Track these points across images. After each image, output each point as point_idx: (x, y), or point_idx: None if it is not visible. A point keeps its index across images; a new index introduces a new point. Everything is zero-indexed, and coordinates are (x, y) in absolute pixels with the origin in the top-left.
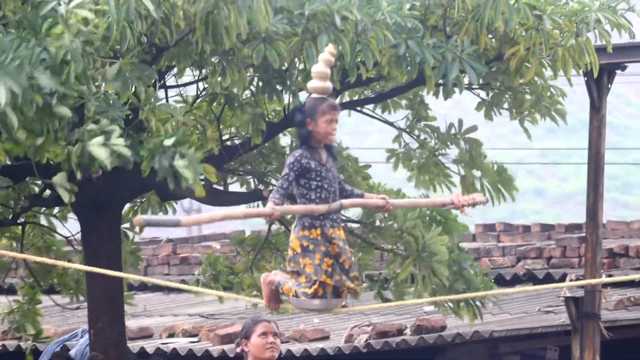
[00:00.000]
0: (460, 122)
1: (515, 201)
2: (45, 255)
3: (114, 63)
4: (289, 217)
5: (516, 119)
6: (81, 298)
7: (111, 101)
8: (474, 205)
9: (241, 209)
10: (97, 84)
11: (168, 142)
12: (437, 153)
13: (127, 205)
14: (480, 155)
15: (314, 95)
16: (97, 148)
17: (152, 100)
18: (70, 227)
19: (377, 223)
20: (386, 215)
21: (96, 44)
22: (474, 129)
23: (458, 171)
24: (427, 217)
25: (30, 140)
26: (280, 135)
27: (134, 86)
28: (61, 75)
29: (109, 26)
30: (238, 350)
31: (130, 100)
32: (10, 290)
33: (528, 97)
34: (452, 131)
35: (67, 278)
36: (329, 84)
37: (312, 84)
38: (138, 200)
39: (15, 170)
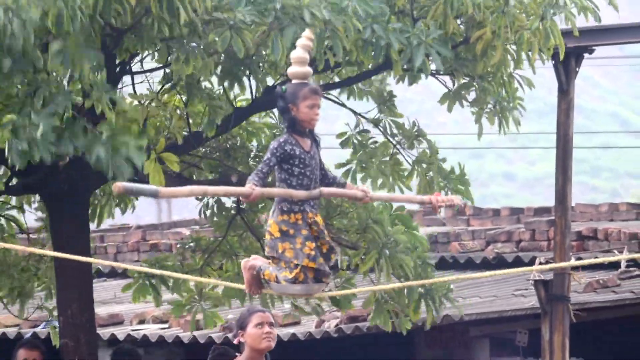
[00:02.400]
0: (414, 124)
1: (484, 186)
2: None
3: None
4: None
5: (477, 114)
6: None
7: (60, 87)
8: (450, 206)
9: (221, 187)
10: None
11: (106, 132)
12: (400, 151)
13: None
14: (436, 157)
15: (294, 81)
16: (14, 152)
17: (101, 87)
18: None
19: (340, 225)
20: (351, 210)
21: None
22: (422, 134)
23: (418, 171)
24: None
25: None
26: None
27: (79, 69)
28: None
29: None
30: (235, 341)
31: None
32: None
33: (490, 97)
34: (415, 129)
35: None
36: (308, 69)
37: (291, 69)
38: (99, 194)
39: None
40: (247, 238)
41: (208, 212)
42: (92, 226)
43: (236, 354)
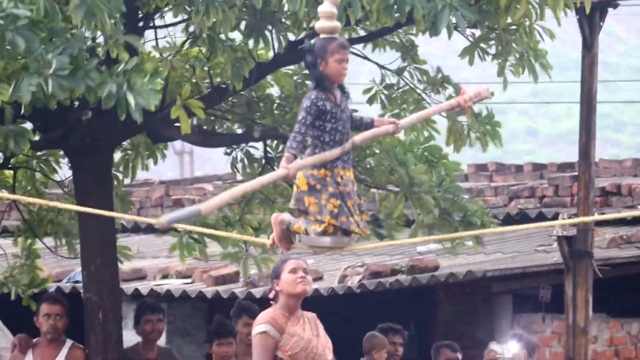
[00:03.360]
0: (438, 70)
1: (507, 142)
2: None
3: None
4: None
5: (499, 66)
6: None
7: (70, 34)
8: (480, 100)
9: (255, 180)
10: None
11: (123, 67)
12: (424, 97)
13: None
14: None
15: (322, 36)
16: (24, 83)
17: (116, 31)
18: (61, 173)
19: (368, 165)
20: (377, 151)
21: None
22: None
23: (447, 116)
24: (419, 156)
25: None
26: (269, 85)
27: (100, 21)
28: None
29: None
30: (270, 295)
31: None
32: (4, 232)
33: (517, 47)
34: (439, 76)
35: (58, 227)
36: (336, 23)
37: (319, 24)
38: (129, 148)
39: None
40: (280, 185)
41: (239, 166)
42: (127, 181)
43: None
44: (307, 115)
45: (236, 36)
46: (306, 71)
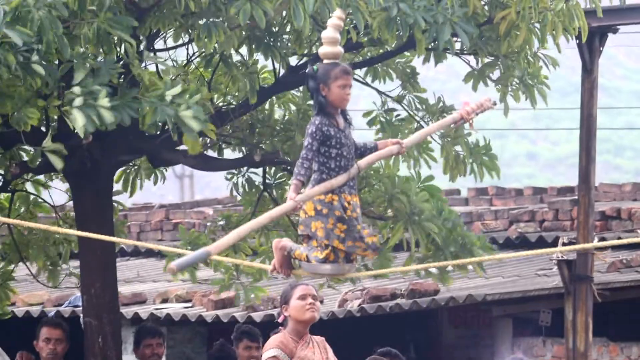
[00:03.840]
0: (439, 100)
1: (508, 166)
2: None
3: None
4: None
5: (502, 92)
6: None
7: (100, 59)
8: (483, 111)
9: (264, 215)
10: (83, 49)
11: (170, 92)
12: (423, 125)
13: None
14: (462, 132)
15: (325, 61)
16: (76, 112)
17: (142, 54)
18: (56, 198)
19: (368, 196)
20: (376, 183)
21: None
22: (450, 108)
23: (442, 145)
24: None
25: (9, 104)
26: (271, 110)
27: (121, 44)
28: (28, 27)
29: None
30: (280, 319)
31: (121, 58)
32: None
33: (517, 71)
34: (439, 105)
35: (42, 252)
36: (339, 49)
37: (322, 49)
38: (131, 165)
39: (4, 137)
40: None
41: (240, 191)
42: (125, 197)
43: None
44: (312, 140)
45: (237, 58)
46: (310, 102)
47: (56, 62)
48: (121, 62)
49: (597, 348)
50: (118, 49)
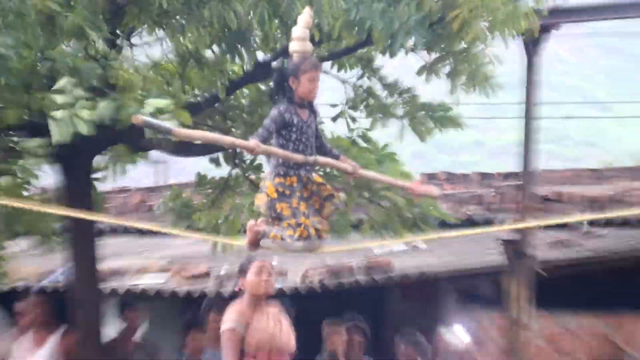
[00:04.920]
0: (396, 81)
1: (456, 154)
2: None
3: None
4: (256, 161)
5: (452, 85)
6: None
7: (80, 55)
8: (428, 195)
9: (228, 138)
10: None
11: (152, 103)
12: (381, 99)
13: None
14: (442, 106)
15: (295, 56)
16: (53, 124)
17: (119, 56)
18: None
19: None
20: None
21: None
22: (410, 90)
23: (404, 111)
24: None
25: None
26: (242, 94)
27: (94, 41)
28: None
29: None
30: (236, 289)
31: (98, 57)
32: None
33: (466, 65)
34: (398, 87)
35: (37, 226)
36: (309, 45)
37: (293, 46)
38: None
39: None
40: (247, 180)
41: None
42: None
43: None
44: (272, 122)
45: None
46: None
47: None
48: (99, 61)
49: (535, 318)
50: (95, 46)
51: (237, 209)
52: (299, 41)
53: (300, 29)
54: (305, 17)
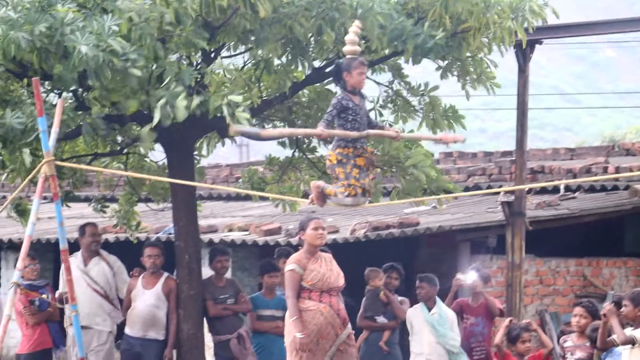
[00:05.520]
0: (427, 84)
1: (466, 137)
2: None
3: (178, 35)
4: (312, 144)
5: (462, 83)
6: (164, 203)
7: (181, 68)
8: (455, 141)
9: (300, 129)
10: (170, 56)
11: (232, 98)
12: (407, 100)
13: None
14: (439, 105)
15: (348, 56)
16: (156, 110)
17: (213, 66)
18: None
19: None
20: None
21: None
22: (435, 88)
23: (421, 113)
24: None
25: (115, 96)
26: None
27: (193, 53)
28: (129, 41)
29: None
30: (296, 238)
31: (198, 65)
32: (114, 200)
33: (472, 69)
34: (421, 88)
35: (156, 188)
36: (358, 47)
37: (346, 48)
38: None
39: (120, 118)
40: (306, 160)
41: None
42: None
43: (295, 250)
44: (333, 109)
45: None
46: (327, 87)
47: (153, 66)
48: (198, 68)
49: (527, 261)
50: (195, 57)
51: (299, 179)
52: (350, 45)
53: (352, 35)
54: (354, 28)
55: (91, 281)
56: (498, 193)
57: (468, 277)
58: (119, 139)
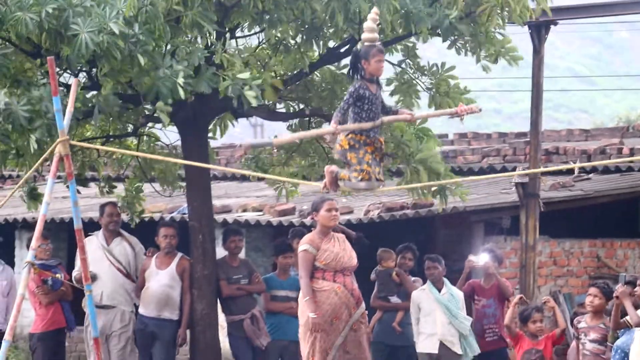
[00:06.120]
0: (443, 64)
1: (480, 118)
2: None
3: (186, 16)
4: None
5: (476, 57)
6: (174, 188)
7: (190, 48)
8: (471, 113)
9: (313, 131)
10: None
11: (241, 76)
12: (413, 79)
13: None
14: (456, 87)
15: (366, 43)
16: (159, 86)
17: (225, 45)
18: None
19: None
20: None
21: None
22: (452, 68)
23: (429, 93)
24: (415, 135)
25: (123, 77)
26: (317, 75)
27: (208, 32)
28: (133, 25)
29: None
30: (309, 219)
31: (211, 45)
32: (125, 179)
33: (488, 44)
34: (434, 69)
35: (166, 174)
36: (376, 35)
37: (364, 35)
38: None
39: (133, 98)
40: (316, 144)
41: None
42: (217, 142)
43: (309, 230)
44: (349, 97)
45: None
46: (341, 71)
47: (167, 45)
48: (210, 48)
49: (541, 242)
50: (208, 37)
51: (307, 167)
52: (369, 32)
53: (370, 23)
54: (372, 15)
55: (114, 260)
56: (512, 175)
57: (480, 258)
58: (132, 118)
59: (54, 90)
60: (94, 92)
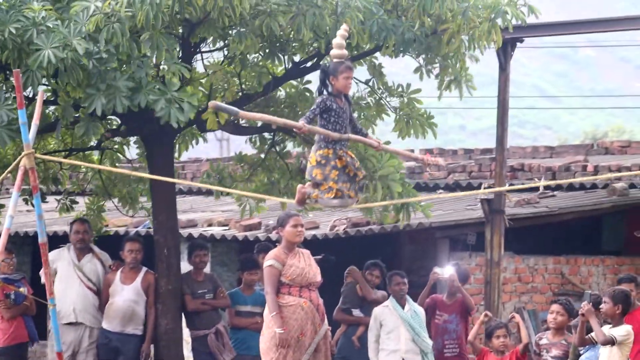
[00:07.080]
0: (409, 85)
1: (446, 134)
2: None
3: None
4: (286, 149)
5: (439, 83)
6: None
7: (141, 61)
8: (436, 164)
9: (280, 118)
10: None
11: (174, 94)
12: (381, 99)
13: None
14: (418, 109)
15: (335, 60)
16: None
17: (172, 62)
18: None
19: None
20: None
21: (127, 23)
22: (417, 91)
23: (396, 114)
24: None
25: (79, 92)
26: (280, 92)
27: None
28: (96, 42)
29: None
30: (274, 233)
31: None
32: (89, 193)
33: (450, 69)
34: (399, 89)
35: (125, 197)
36: (344, 51)
37: (333, 52)
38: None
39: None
40: (279, 161)
41: (257, 144)
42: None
43: (275, 245)
44: (316, 107)
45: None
46: (306, 85)
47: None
48: (160, 66)
49: (506, 259)
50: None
51: (269, 184)
52: (337, 49)
53: (339, 39)
54: (342, 31)
55: (84, 277)
56: (476, 193)
57: (445, 271)
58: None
59: (20, 103)
60: (55, 106)
